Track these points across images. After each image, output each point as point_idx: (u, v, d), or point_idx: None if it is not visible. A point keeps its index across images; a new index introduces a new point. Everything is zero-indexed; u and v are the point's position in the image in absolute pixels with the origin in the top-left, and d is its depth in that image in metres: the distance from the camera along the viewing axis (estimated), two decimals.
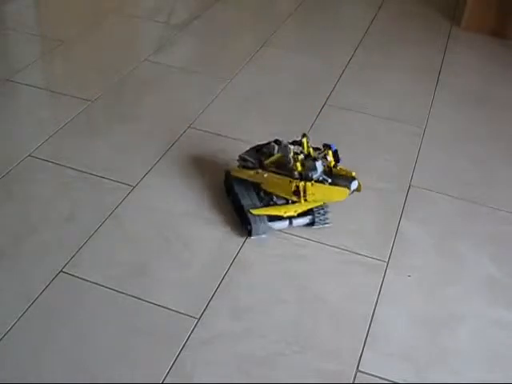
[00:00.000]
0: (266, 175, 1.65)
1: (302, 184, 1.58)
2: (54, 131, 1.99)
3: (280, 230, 1.67)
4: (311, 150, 1.64)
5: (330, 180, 1.59)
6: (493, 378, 1.37)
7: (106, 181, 1.80)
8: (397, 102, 2.31)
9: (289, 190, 1.61)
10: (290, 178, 1.60)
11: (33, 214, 1.68)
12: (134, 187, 1.79)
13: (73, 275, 1.50)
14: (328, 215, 1.68)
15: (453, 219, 1.79)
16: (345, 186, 1.58)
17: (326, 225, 1.69)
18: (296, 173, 1.60)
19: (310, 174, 1.58)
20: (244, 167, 1.72)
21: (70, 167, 1.84)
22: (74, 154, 1.90)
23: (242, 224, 1.66)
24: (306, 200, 1.60)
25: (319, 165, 1.59)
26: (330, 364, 1.36)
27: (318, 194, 1.60)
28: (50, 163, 1.85)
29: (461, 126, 2.22)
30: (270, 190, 1.66)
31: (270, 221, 1.64)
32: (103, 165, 1.86)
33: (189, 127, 2.06)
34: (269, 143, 1.70)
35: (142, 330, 1.39)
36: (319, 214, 1.67)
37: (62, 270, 1.51)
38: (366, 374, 1.35)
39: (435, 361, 1.39)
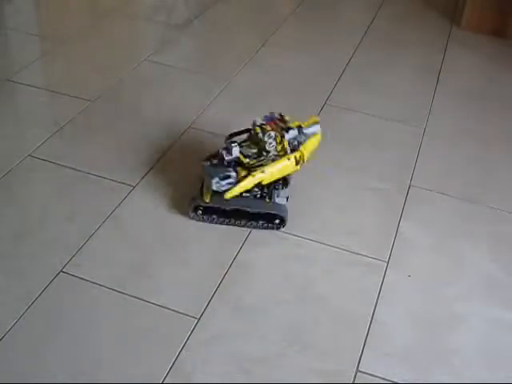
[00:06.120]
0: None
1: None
2: (54, 131, 1.99)
3: (279, 231, 1.67)
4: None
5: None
6: (493, 378, 1.37)
7: (106, 181, 1.80)
8: (397, 102, 2.30)
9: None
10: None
11: (33, 214, 1.68)
12: (134, 187, 1.79)
13: (73, 275, 1.50)
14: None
15: (453, 219, 1.79)
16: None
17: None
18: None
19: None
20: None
21: (70, 167, 1.84)
22: (74, 154, 1.90)
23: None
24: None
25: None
26: (330, 364, 1.36)
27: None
28: (50, 163, 1.85)
29: (461, 125, 2.22)
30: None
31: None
32: (103, 165, 1.86)
33: (189, 127, 2.06)
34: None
35: (142, 330, 1.39)
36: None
37: (61, 270, 1.51)
38: (366, 373, 1.35)
39: (435, 361, 1.39)
